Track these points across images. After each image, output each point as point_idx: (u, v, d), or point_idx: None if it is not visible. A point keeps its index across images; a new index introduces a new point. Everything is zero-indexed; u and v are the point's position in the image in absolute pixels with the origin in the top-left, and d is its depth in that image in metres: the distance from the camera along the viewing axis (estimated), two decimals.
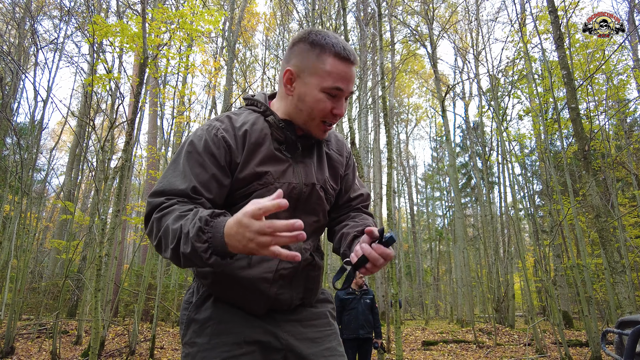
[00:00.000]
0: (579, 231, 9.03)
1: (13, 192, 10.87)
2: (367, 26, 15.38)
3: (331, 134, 1.33)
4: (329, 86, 1.07)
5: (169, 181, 1.04)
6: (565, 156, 9.11)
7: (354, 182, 1.36)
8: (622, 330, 2.38)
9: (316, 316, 1.23)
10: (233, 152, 1.10)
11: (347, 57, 1.08)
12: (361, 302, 5.05)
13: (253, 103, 1.22)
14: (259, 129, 1.14)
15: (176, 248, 0.91)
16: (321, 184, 1.20)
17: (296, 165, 1.17)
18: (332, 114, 1.10)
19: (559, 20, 6.52)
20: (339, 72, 1.07)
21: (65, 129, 20.10)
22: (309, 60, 1.09)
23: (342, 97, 1.10)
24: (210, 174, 1.06)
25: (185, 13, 8.61)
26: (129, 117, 6.87)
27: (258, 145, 1.12)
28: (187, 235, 0.88)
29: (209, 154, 1.07)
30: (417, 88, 27.04)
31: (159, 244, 0.96)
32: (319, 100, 1.08)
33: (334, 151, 1.30)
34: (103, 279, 8.18)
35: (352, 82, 1.11)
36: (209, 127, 1.11)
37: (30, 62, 15.92)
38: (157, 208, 0.99)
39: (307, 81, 1.09)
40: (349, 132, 6.66)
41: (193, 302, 1.15)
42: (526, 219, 21.37)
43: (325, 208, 1.24)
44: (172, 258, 0.94)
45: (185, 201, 1.01)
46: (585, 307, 7.71)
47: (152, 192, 1.04)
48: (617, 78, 11.53)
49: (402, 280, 24.71)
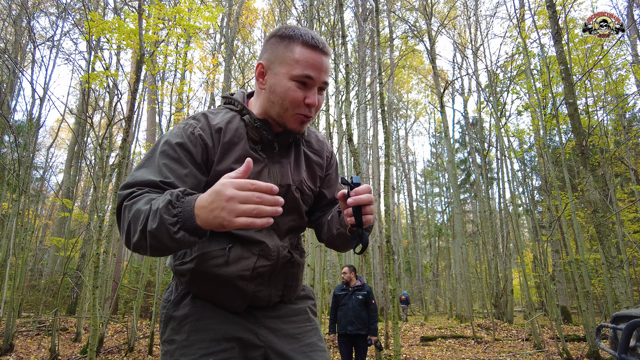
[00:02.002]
0: (577, 226, 9.04)
1: (11, 190, 10.86)
2: (366, 22, 15.32)
3: (312, 134, 1.31)
4: (298, 74, 1.05)
5: (140, 174, 1.01)
6: (564, 152, 9.11)
7: (336, 181, 1.35)
8: (617, 325, 2.38)
9: (296, 312, 1.23)
10: (209, 151, 1.09)
11: (316, 45, 1.06)
12: (352, 298, 5.04)
13: (231, 102, 1.20)
14: (234, 128, 1.13)
15: (144, 228, 0.87)
16: (297, 184, 1.19)
17: (272, 165, 1.16)
18: (305, 104, 1.08)
19: (557, 15, 6.49)
20: (307, 60, 1.05)
21: (64, 127, 20.08)
22: (279, 51, 1.08)
23: (314, 87, 1.08)
24: (187, 169, 1.04)
25: (182, 9, 8.56)
26: (126, 114, 6.85)
27: (233, 144, 1.11)
28: (157, 211, 0.85)
29: (185, 151, 1.05)
30: (415, 84, 27.02)
31: (129, 231, 0.91)
32: (289, 89, 1.06)
33: (313, 152, 1.28)
34: (101, 277, 8.19)
35: (323, 71, 1.08)
36: (185, 125, 1.10)
37: (28, 60, 15.87)
38: (127, 197, 0.96)
39: (277, 71, 1.08)
40: (346, 128, 6.64)
41: (171, 300, 1.14)
42: (525, 214, 21.40)
43: (302, 209, 1.23)
44: (140, 241, 0.88)
45: (157, 192, 0.97)
46: (583, 302, 7.74)
47: (122, 185, 1.00)
48: (616, 73, 11.50)
49: (402, 276, 24.78)
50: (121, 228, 0.96)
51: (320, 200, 1.32)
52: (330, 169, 1.34)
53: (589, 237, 14.56)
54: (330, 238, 1.21)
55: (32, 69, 13.54)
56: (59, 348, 7.46)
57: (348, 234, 1.13)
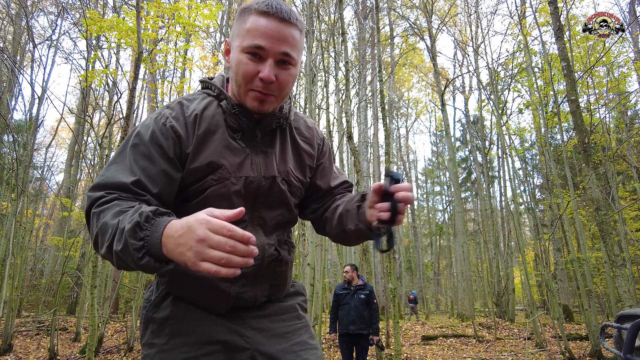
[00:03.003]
0: (579, 225, 8.99)
1: (10, 189, 10.84)
2: (366, 20, 15.26)
3: (300, 119, 1.22)
4: (247, 45, 0.96)
5: (111, 174, 0.94)
6: (566, 149, 9.05)
7: (331, 170, 1.26)
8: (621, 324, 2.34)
9: (284, 310, 1.16)
10: (183, 143, 1.00)
11: (269, 11, 0.96)
12: (354, 297, 5.00)
13: (208, 86, 1.11)
14: (210, 115, 1.04)
15: (110, 245, 0.82)
16: (283, 176, 1.11)
17: (255, 155, 1.07)
18: (259, 78, 0.97)
19: (558, 11, 6.43)
20: (258, 29, 0.96)
21: (63, 126, 20.06)
22: (237, 25, 1.02)
23: (267, 58, 0.96)
24: (158, 167, 0.97)
25: (181, 7, 8.52)
26: (125, 113, 6.82)
27: (209, 133, 1.02)
28: (123, 231, 0.79)
29: (157, 145, 0.98)
30: (416, 82, 26.95)
31: (96, 241, 0.87)
32: (240, 62, 0.97)
33: (303, 139, 1.19)
34: (100, 276, 8.16)
35: (280, 40, 0.96)
36: (157, 115, 1.02)
37: (27, 59, 15.84)
38: (95, 202, 0.90)
39: (234, 45, 1.01)
40: (346, 126, 6.60)
41: (152, 301, 1.08)
42: (526, 212, 21.34)
43: (290, 202, 1.15)
44: (107, 256, 0.85)
45: (128, 197, 0.91)
46: (585, 301, 7.69)
47: (92, 186, 0.94)
48: (618, 70, 11.44)
49: (403, 275, 24.74)
50: (90, 233, 0.91)
51: (315, 192, 1.24)
52: (323, 158, 1.25)
53: (590, 235, 14.50)
54: (341, 233, 1.14)
55: (32, 68, 13.53)
56: (58, 348, 7.43)
57: (368, 231, 1.06)
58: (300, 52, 1.03)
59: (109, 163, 0.99)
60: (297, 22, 1.00)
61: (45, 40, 13.94)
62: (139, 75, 7.49)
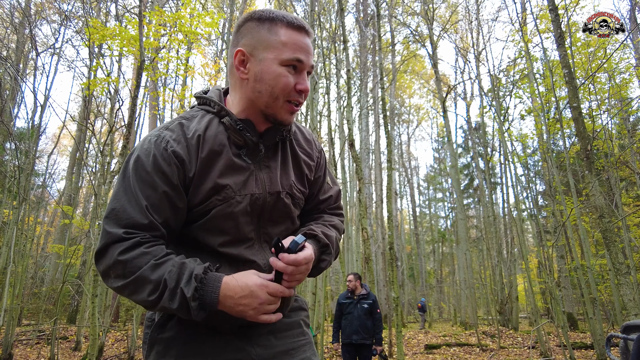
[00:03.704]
0: (583, 232, 8.92)
1: (12, 197, 10.84)
2: (367, 27, 15.32)
3: (297, 130, 1.21)
4: (288, 58, 0.97)
5: (123, 207, 0.94)
6: (568, 156, 9.01)
7: (324, 182, 1.25)
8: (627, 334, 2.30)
9: (289, 326, 1.15)
10: (186, 167, 0.97)
11: (302, 26, 0.99)
12: (357, 307, 4.96)
13: (206, 102, 1.08)
14: (213, 134, 1.01)
15: (156, 300, 0.88)
16: (287, 190, 1.10)
17: (259, 171, 1.05)
18: (297, 90, 0.99)
19: (559, 18, 6.43)
20: (295, 42, 0.98)
21: (65, 134, 20.11)
22: (261, 35, 0.99)
23: (304, 71, 1.00)
24: (163, 196, 0.95)
25: (183, 15, 8.56)
26: (127, 121, 6.82)
27: (214, 154, 1.00)
28: (176, 290, 0.87)
29: (160, 172, 0.95)
30: (418, 89, 27.01)
31: (123, 288, 0.90)
32: (280, 75, 0.97)
33: (302, 151, 1.18)
34: (101, 285, 8.12)
35: (311, 54, 1.01)
36: (157, 138, 0.98)
37: (30, 67, 15.94)
38: (116, 244, 0.90)
39: (262, 57, 0.98)
40: (348, 134, 6.58)
41: (156, 321, 1.05)
42: (529, 219, 21.25)
43: (294, 214, 1.14)
44: (143, 304, 0.91)
45: (148, 238, 0.93)
46: (590, 309, 7.61)
47: (106, 217, 0.93)
48: (620, 77, 11.42)
49: (405, 283, 24.59)
50: (109, 276, 0.92)
51: (306, 204, 1.22)
52: (320, 171, 1.24)
53: (594, 242, 14.39)
54: None
55: (35, 76, 13.60)
56: (58, 357, 7.38)
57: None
58: None
59: (116, 192, 0.97)
60: (313, 33, 1.06)
61: (48, 49, 14.03)
62: (141, 82, 7.50)
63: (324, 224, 1.17)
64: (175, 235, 1.02)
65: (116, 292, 0.94)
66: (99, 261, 0.92)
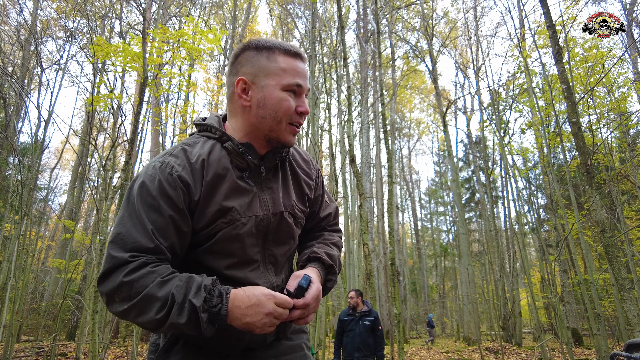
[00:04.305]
0: (585, 246, 8.88)
1: (14, 211, 10.86)
2: (367, 43, 15.51)
3: (295, 152, 1.25)
4: (288, 83, 1.03)
5: (129, 232, 0.94)
6: (568, 170, 9.02)
7: (323, 200, 1.31)
8: (631, 353, 2.29)
9: (292, 350, 1.16)
10: (191, 191, 0.99)
11: (298, 52, 1.06)
12: (359, 324, 4.92)
13: (206, 128, 1.11)
14: (216, 159, 1.04)
15: (164, 318, 0.86)
16: (289, 210, 1.13)
17: (262, 193, 1.09)
18: (298, 112, 1.05)
19: (557, 34, 6.52)
20: (294, 68, 1.04)
21: (68, 148, 20.25)
22: (261, 63, 1.05)
23: (303, 94, 1.07)
24: (169, 220, 0.96)
25: (186, 32, 8.69)
26: (129, 136, 6.88)
27: (219, 178, 1.02)
28: (184, 305, 0.86)
29: (165, 196, 0.96)
30: (418, 103, 27.17)
31: (128, 311, 0.89)
32: (282, 99, 1.03)
33: (302, 171, 1.22)
34: (102, 300, 8.07)
35: (307, 78, 1.08)
36: (161, 164, 1.00)
37: (35, 82, 16.13)
38: (121, 267, 0.91)
39: (264, 84, 1.04)
40: (349, 149, 6.62)
41: (161, 347, 1.06)
42: (531, 233, 21.14)
43: (296, 234, 1.17)
44: (150, 324, 0.88)
45: (153, 260, 0.93)
46: (594, 325, 7.52)
47: (111, 241, 0.94)
48: (618, 91, 11.50)
49: (408, 298, 24.36)
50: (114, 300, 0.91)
51: (307, 223, 1.27)
52: (319, 190, 1.29)
53: (597, 256, 14.30)
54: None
55: (39, 91, 13.75)
56: None
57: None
58: None
59: (121, 217, 0.98)
60: (306, 58, 1.11)
61: (52, 64, 14.23)
62: (144, 98, 7.59)
63: (326, 243, 1.21)
64: (178, 260, 1.02)
65: (120, 317, 0.93)
66: (103, 285, 0.92)
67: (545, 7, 6.42)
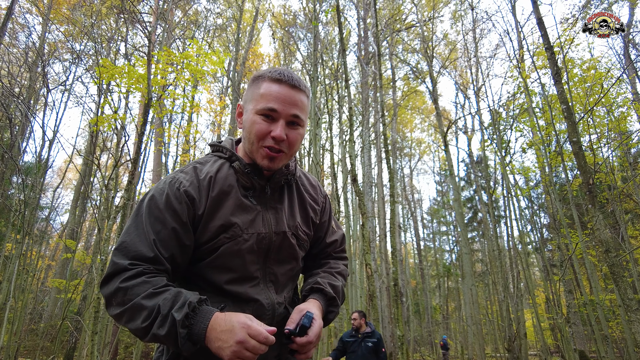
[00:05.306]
0: (590, 266, 8.79)
1: (15, 231, 10.86)
2: (368, 65, 15.75)
3: (303, 177, 1.29)
4: (261, 107, 1.06)
5: (132, 241, 1.00)
6: (571, 190, 9.01)
7: (330, 226, 1.32)
8: None
9: None
10: (196, 205, 1.05)
11: (281, 78, 1.07)
12: (362, 345, 4.84)
13: (219, 149, 1.19)
14: (223, 176, 1.10)
15: (148, 327, 0.89)
16: (292, 230, 1.16)
17: (266, 211, 1.12)
18: (271, 137, 1.06)
19: (555, 56, 6.62)
20: (271, 93, 1.06)
21: (71, 167, 20.36)
22: (251, 90, 1.11)
23: (279, 119, 1.06)
24: (171, 232, 1.01)
25: (190, 55, 8.86)
26: (132, 156, 6.94)
27: (224, 194, 1.08)
28: (167, 318, 0.88)
29: (171, 209, 1.02)
30: (419, 123, 27.36)
31: (121, 315, 0.94)
32: (254, 122, 1.07)
33: (308, 194, 1.26)
34: (102, 321, 7.99)
35: (292, 104, 1.06)
36: (172, 180, 1.07)
37: (40, 103, 16.35)
38: (120, 273, 0.96)
39: (248, 109, 1.10)
40: (350, 169, 6.65)
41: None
42: (534, 253, 20.95)
43: (299, 255, 1.19)
44: (137, 332, 0.92)
45: (151, 270, 0.98)
46: (601, 347, 7.38)
47: (115, 249, 1.00)
48: (618, 111, 11.59)
49: (411, 319, 23.99)
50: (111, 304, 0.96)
51: (312, 248, 1.28)
52: (326, 215, 1.31)
53: (602, 275, 14.12)
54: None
55: (44, 112, 13.93)
56: None
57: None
58: (307, 114, 1.13)
59: (128, 227, 1.03)
60: (305, 89, 1.10)
61: (58, 85, 14.45)
62: (148, 119, 7.69)
63: (331, 272, 1.23)
64: (180, 272, 1.06)
65: (116, 320, 0.97)
66: (103, 288, 0.97)
67: (543, 30, 6.54)
